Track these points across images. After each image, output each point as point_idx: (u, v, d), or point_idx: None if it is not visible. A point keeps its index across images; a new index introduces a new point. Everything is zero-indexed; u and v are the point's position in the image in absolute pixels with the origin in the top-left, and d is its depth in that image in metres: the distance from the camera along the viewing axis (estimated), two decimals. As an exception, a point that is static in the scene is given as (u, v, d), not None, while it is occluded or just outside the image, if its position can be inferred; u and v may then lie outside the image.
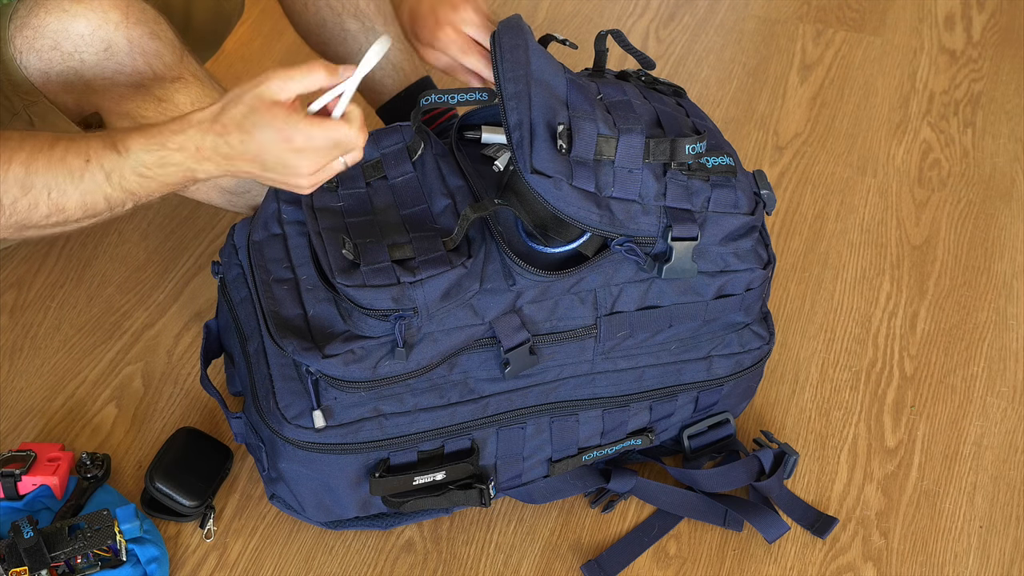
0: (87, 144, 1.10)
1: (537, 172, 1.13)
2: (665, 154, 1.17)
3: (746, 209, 1.21)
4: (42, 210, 1.11)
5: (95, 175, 1.10)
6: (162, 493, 1.32)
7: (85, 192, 1.11)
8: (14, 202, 1.10)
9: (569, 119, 1.14)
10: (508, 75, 1.13)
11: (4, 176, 1.09)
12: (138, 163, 1.10)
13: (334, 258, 1.16)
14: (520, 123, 1.13)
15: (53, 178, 1.10)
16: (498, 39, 1.16)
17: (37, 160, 1.10)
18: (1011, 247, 1.71)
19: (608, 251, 1.18)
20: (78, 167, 1.10)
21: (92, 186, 1.10)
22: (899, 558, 1.34)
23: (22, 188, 1.10)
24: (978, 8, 2.15)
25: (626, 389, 1.28)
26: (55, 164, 1.10)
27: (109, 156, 1.10)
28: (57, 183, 1.10)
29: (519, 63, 1.14)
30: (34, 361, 1.50)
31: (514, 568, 1.32)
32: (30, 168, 1.10)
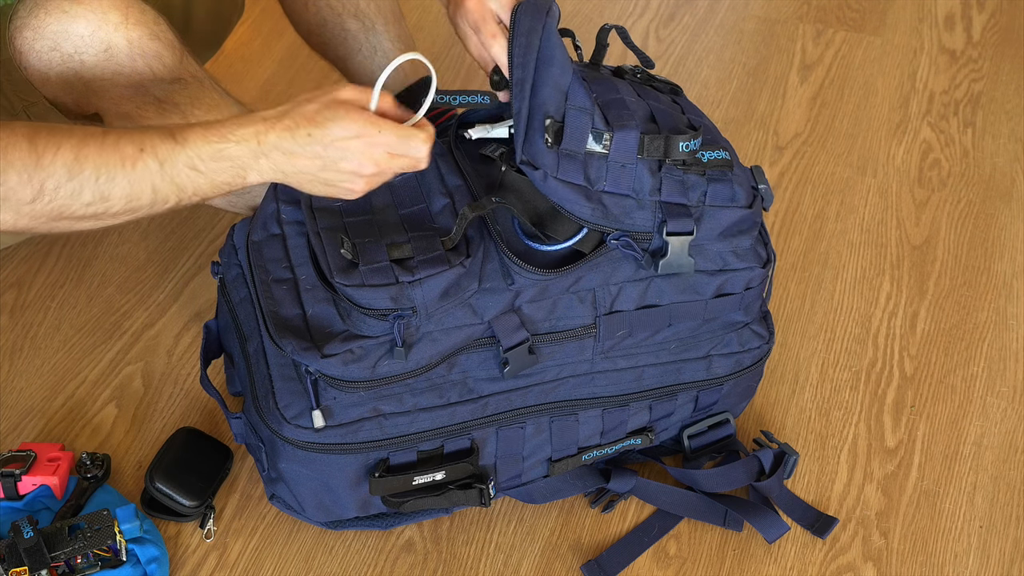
0: (142, 134, 1.10)
1: (525, 162, 1.14)
2: (659, 151, 1.16)
3: (743, 202, 1.21)
4: (85, 197, 1.09)
5: (147, 163, 1.09)
6: (162, 493, 1.32)
7: (134, 181, 1.09)
8: (57, 187, 1.08)
9: (564, 113, 1.14)
10: (518, 60, 1.12)
11: (52, 160, 1.07)
12: (194, 154, 1.09)
13: (333, 258, 1.16)
14: (519, 111, 1.13)
15: (104, 163, 1.08)
16: (517, 19, 1.14)
17: (88, 146, 1.08)
18: (1011, 247, 1.71)
19: (605, 247, 1.18)
20: (131, 155, 1.09)
21: (142, 175, 1.09)
22: (899, 558, 1.34)
23: (69, 173, 1.08)
24: (978, 8, 2.15)
25: (626, 388, 1.28)
26: (107, 150, 1.08)
27: (165, 145, 1.09)
28: (107, 169, 1.08)
29: (531, 48, 1.12)
30: (34, 361, 1.50)
31: (514, 568, 1.32)
32: (80, 153, 1.08)
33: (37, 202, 1.08)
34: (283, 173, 1.11)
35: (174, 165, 1.09)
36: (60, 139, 1.08)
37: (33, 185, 1.07)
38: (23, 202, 1.08)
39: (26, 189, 1.07)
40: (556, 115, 1.13)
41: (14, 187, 1.07)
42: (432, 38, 2.02)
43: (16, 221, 1.09)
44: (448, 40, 2.01)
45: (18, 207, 1.08)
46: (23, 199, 1.08)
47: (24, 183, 1.07)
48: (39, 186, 1.07)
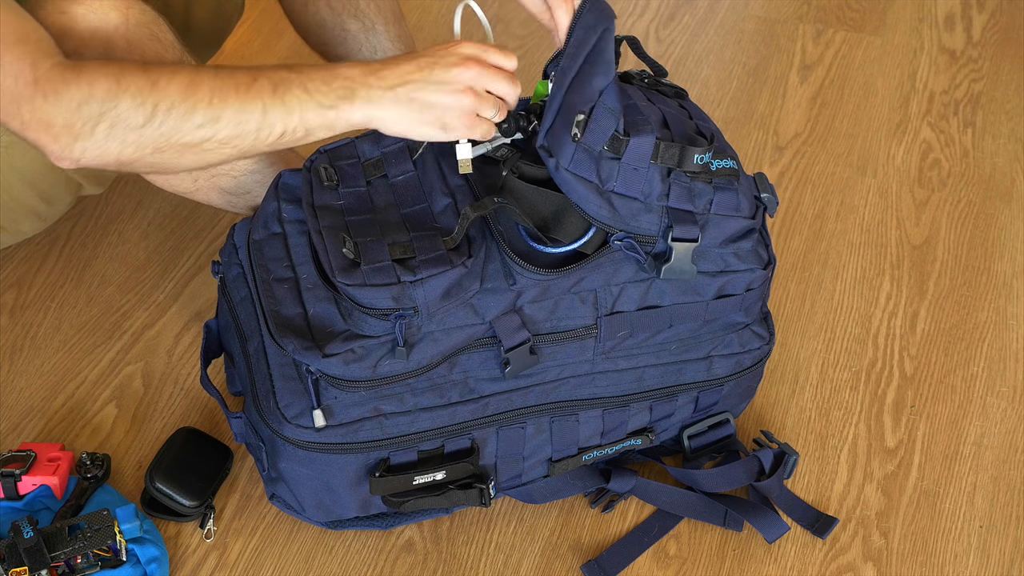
0: (257, 68, 1.15)
1: (543, 148, 1.15)
2: (673, 159, 1.17)
3: (747, 213, 1.21)
4: (197, 118, 1.11)
5: (261, 85, 1.12)
6: (162, 493, 1.32)
7: (246, 101, 1.12)
8: (171, 108, 1.11)
9: (592, 109, 1.14)
10: (570, 51, 1.15)
11: (167, 83, 1.10)
12: (307, 78, 1.13)
13: (334, 257, 1.16)
14: (554, 97, 1.14)
15: (218, 87, 1.12)
16: (581, 12, 1.17)
17: (203, 73, 1.13)
18: (1011, 247, 1.71)
19: (608, 248, 1.18)
20: (245, 80, 1.13)
21: (255, 96, 1.12)
22: (899, 558, 1.34)
23: (183, 94, 1.11)
24: (978, 8, 2.15)
25: (626, 389, 1.28)
26: (222, 76, 1.13)
27: (280, 73, 1.14)
28: (221, 91, 1.12)
29: (584, 44, 1.14)
30: (34, 361, 1.50)
31: (514, 568, 1.32)
32: (195, 79, 1.12)
33: (147, 126, 1.10)
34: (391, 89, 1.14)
35: (287, 88, 1.13)
36: (174, 69, 1.13)
37: (146, 107, 1.10)
38: (133, 127, 1.10)
39: (139, 112, 1.10)
40: (587, 112, 1.14)
41: (126, 111, 1.09)
42: (432, 38, 2.02)
43: (121, 151, 1.12)
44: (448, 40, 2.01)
45: (126, 133, 1.10)
46: (134, 123, 1.10)
47: (137, 106, 1.09)
48: (152, 108, 1.10)
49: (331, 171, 1.25)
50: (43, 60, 1.09)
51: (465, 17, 1.25)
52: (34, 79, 1.08)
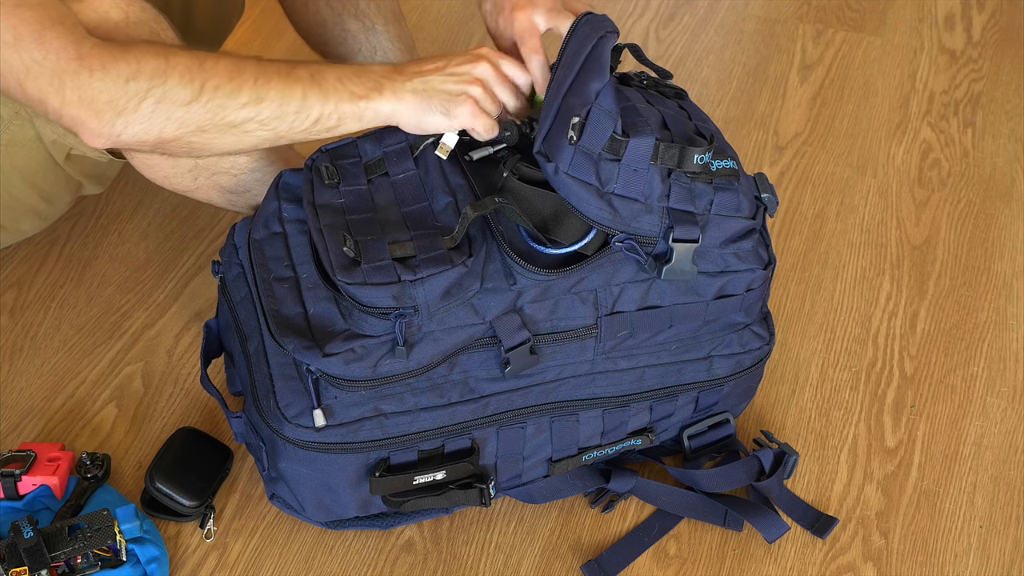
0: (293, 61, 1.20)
1: (541, 153, 1.15)
2: (673, 160, 1.17)
3: (747, 213, 1.21)
4: (242, 98, 1.15)
5: (299, 73, 1.18)
6: (162, 493, 1.32)
7: (288, 83, 1.17)
8: (218, 87, 1.14)
9: (589, 111, 1.14)
10: (566, 60, 1.16)
11: (214, 65, 1.15)
12: (341, 72, 1.19)
13: (335, 256, 1.16)
14: (550, 104, 1.14)
15: (261, 72, 1.17)
16: (577, 25, 1.18)
17: (246, 58, 1.18)
18: (1011, 247, 1.71)
19: (608, 249, 1.18)
20: (285, 68, 1.18)
21: (295, 79, 1.18)
22: (899, 558, 1.34)
23: (229, 75, 1.15)
24: (978, 8, 2.15)
25: (626, 389, 1.28)
26: (264, 62, 1.18)
27: (316, 65, 1.20)
28: (264, 75, 1.16)
29: (580, 54, 1.15)
30: (34, 361, 1.50)
31: (514, 568, 1.32)
32: (240, 63, 1.16)
33: (194, 104, 1.14)
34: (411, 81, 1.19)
35: (324, 76, 1.18)
36: (218, 54, 1.18)
37: (195, 85, 1.14)
38: (179, 103, 1.13)
39: (186, 90, 1.13)
40: (583, 115, 1.14)
41: (173, 87, 1.13)
42: (432, 38, 2.02)
43: (164, 128, 1.15)
44: (448, 40, 2.01)
45: (172, 110, 1.14)
46: (181, 99, 1.14)
47: (185, 83, 1.13)
48: (200, 86, 1.14)
49: (332, 169, 1.25)
50: (85, 39, 1.12)
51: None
52: (78, 55, 1.11)
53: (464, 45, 1.98)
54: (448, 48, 2.00)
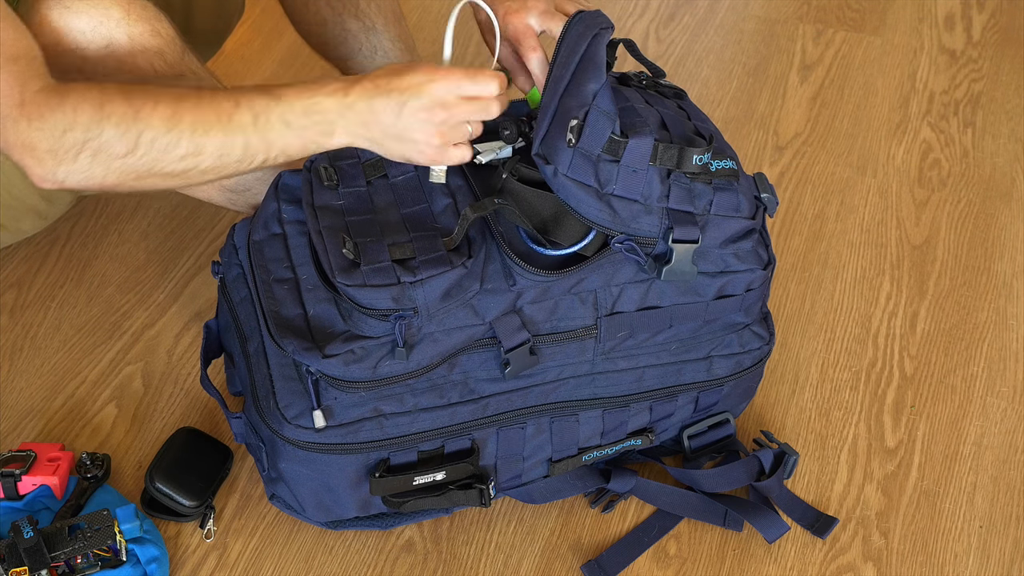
0: (238, 91, 1.14)
1: (539, 156, 1.14)
2: (672, 160, 1.17)
3: (747, 213, 1.21)
4: (180, 150, 1.12)
5: (243, 116, 1.13)
6: (162, 493, 1.32)
7: (228, 133, 1.13)
8: (154, 140, 1.11)
9: (587, 113, 1.14)
10: (561, 60, 1.15)
11: (150, 113, 1.11)
12: (287, 108, 1.13)
13: (334, 257, 1.16)
14: (547, 106, 1.14)
15: (201, 118, 1.12)
16: (570, 24, 1.17)
17: (186, 100, 1.12)
18: (1011, 247, 1.71)
19: (608, 250, 1.18)
20: (227, 109, 1.13)
21: (236, 128, 1.13)
22: (899, 558, 1.34)
23: (167, 125, 1.11)
24: (978, 8, 2.15)
25: (626, 389, 1.28)
26: (204, 105, 1.13)
27: (261, 100, 1.13)
28: (203, 122, 1.12)
29: (575, 53, 1.14)
30: (34, 361, 1.50)
31: (514, 568, 1.32)
32: (178, 108, 1.12)
33: (130, 156, 1.11)
34: (365, 126, 1.14)
35: (268, 119, 1.13)
36: (156, 95, 1.12)
37: (129, 137, 1.10)
38: (116, 155, 1.11)
39: (121, 142, 1.10)
40: (581, 116, 1.14)
41: (110, 140, 1.10)
42: (432, 38, 2.02)
43: (105, 177, 1.13)
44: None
45: (110, 161, 1.11)
46: (117, 152, 1.11)
47: (120, 135, 1.10)
48: (135, 138, 1.10)
49: (331, 171, 1.25)
50: (32, 81, 1.10)
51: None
52: (21, 101, 1.09)
53: (464, 45, 1.98)
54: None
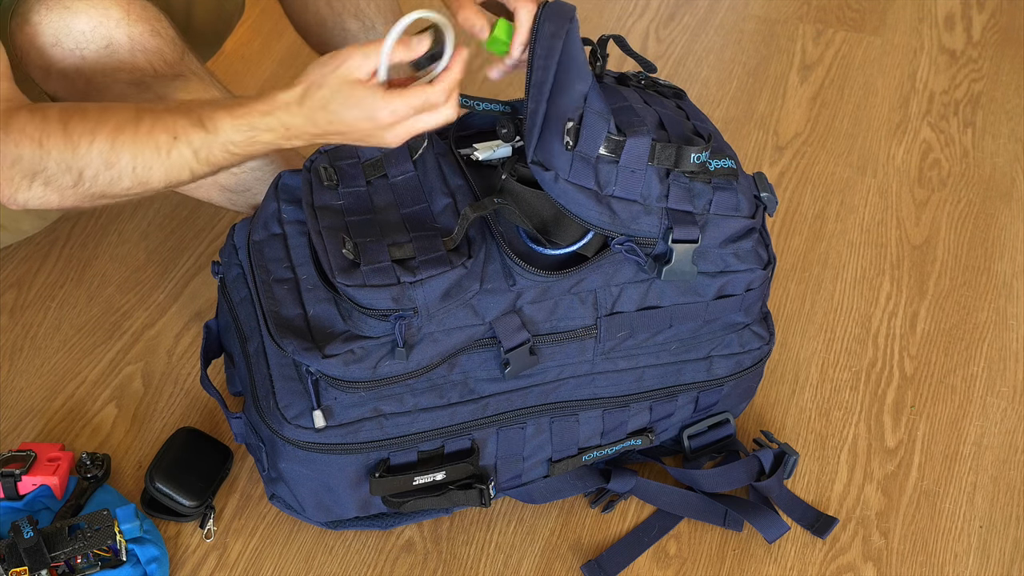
0: (173, 120, 1.12)
1: (536, 163, 1.14)
2: (670, 160, 1.17)
3: (747, 212, 1.21)
4: (125, 184, 1.13)
5: (183, 152, 1.12)
6: (162, 493, 1.32)
7: (171, 167, 1.12)
8: (96, 176, 1.11)
9: (582, 115, 1.13)
10: (539, 63, 1.12)
11: (88, 150, 1.10)
12: (227, 141, 1.12)
13: (334, 257, 1.16)
14: (535, 111, 1.13)
15: (139, 154, 1.11)
16: (540, 23, 1.14)
17: (123, 134, 1.11)
18: (1011, 247, 1.71)
19: (608, 251, 1.18)
20: (165, 143, 1.11)
21: (179, 161, 1.12)
22: (899, 558, 1.34)
23: (106, 163, 1.11)
24: (978, 8, 2.15)
25: (626, 389, 1.28)
26: (141, 139, 1.11)
27: (198, 134, 1.11)
28: (143, 159, 1.11)
29: (552, 52, 1.12)
30: (34, 361, 1.50)
31: (514, 568, 1.32)
32: (116, 143, 1.11)
33: (79, 186, 1.11)
34: (317, 144, 1.14)
35: (209, 151, 1.12)
36: (94, 126, 1.10)
37: (72, 173, 1.10)
38: (66, 186, 1.11)
39: (66, 176, 1.11)
40: (575, 118, 1.13)
41: (55, 173, 1.10)
42: (432, 38, 2.01)
43: (63, 201, 1.13)
44: (448, 40, 2.01)
45: (63, 190, 1.12)
46: (65, 184, 1.11)
47: (63, 171, 1.10)
48: (78, 174, 1.11)
49: (331, 171, 1.25)
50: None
51: None
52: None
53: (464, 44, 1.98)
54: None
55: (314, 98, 1.09)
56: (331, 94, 1.08)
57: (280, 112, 1.10)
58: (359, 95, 1.08)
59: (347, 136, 1.11)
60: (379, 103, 1.08)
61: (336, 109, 1.09)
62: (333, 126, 1.10)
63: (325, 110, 1.09)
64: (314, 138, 1.12)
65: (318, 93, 1.09)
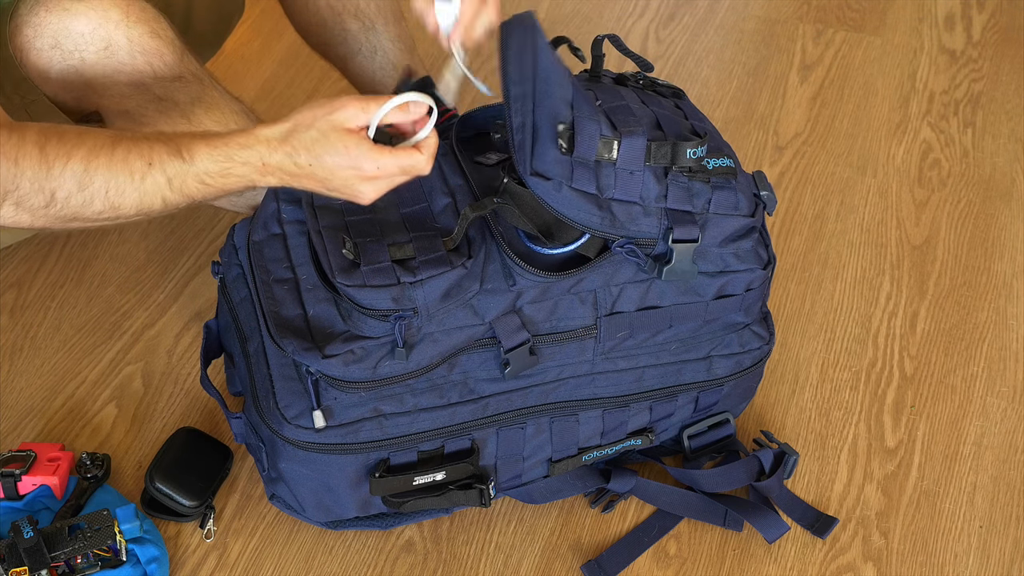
0: (150, 147, 1.11)
1: (537, 174, 1.13)
2: (666, 157, 1.17)
3: (746, 211, 1.21)
4: (96, 207, 1.12)
5: (156, 179, 1.11)
6: (162, 493, 1.32)
7: (144, 194, 1.12)
8: (68, 197, 1.10)
9: (572, 119, 1.13)
10: (514, 77, 1.12)
11: (62, 171, 1.09)
12: (202, 171, 1.11)
13: (334, 258, 1.16)
14: (523, 125, 1.12)
15: (113, 177, 1.10)
16: (506, 39, 1.14)
17: (98, 158, 1.10)
18: (1011, 247, 1.71)
19: (609, 252, 1.18)
20: (139, 169, 1.11)
21: (152, 188, 1.11)
22: (899, 558, 1.34)
23: (79, 185, 1.10)
24: (978, 8, 2.15)
25: (626, 389, 1.28)
26: (116, 164, 1.11)
27: (173, 162, 1.11)
28: (116, 183, 1.11)
29: (526, 65, 1.12)
30: (34, 361, 1.50)
31: (514, 568, 1.32)
32: (90, 166, 1.10)
33: (51, 207, 1.10)
34: (291, 186, 1.13)
35: (183, 181, 1.12)
36: (70, 148, 1.09)
37: (45, 193, 1.09)
38: (38, 207, 1.10)
39: (38, 197, 1.10)
40: (566, 122, 1.13)
41: (27, 193, 1.09)
42: (432, 38, 2.01)
43: (33, 222, 1.12)
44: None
45: (34, 211, 1.11)
46: (37, 204, 1.10)
47: (36, 191, 1.09)
48: (50, 194, 1.09)
49: (331, 171, 1.25)
50: None
51: None
52: None
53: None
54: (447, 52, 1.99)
55: (300, 138, 1.09)
56: (319, 136, 1.08)
57: (261, 146, 1.10)
58: (347, 143, 1.08)
59: (323, 183, 1.11)
60: (367, 155, 1.08)
61: (320, 153, 1.09)
62: (312, 169, 1.10)
63: (309, 152, 1.09)
64: (289, 179, 1.12)
65: (305, 134, 1.09)
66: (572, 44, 1.26)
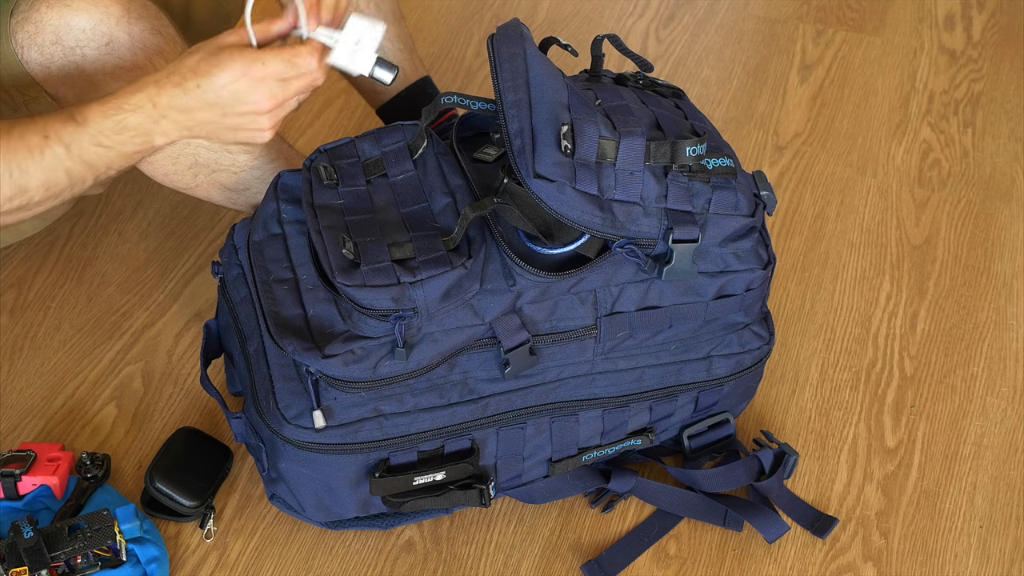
0: (45, 121, 1.12)
1: (540, 177, 1.13)
2: (666, 156, 1.17)
3: (746, 211, 1.21)
4: (4, 192, 1.12)
5: (55, 149, 1.12)
6: (162, 493, 1.32)
7: (46, 169, 1.12)
8: None
9: (571, 121, 1.14)
10: (507, 84, 1.13)
11: None
12: (96, 131, 1.11)
13: (334, 258, 1.16)
14: (521, 130, 1.13)
15: (13, 157, 1.11)
16: (496, 48, 1.15)
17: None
18: (1011, 247, 1.71)
19: (609, 252, 1.18)
20: (37, 144, 1.12)
21: (53, 161, 1.12)
22: (899, 558, 1.34)
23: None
24: (978, 8, 2.15)
25: (626, 389, 1.28)
26: (14, 143, 1.11)
27: (67, 128, 1.12)
28: (18, 162, 1.11)
29: (518, 71, 1.13)
30: (34, 361, 1.50)
31: (514, 568, 1.32)
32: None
33: None
34: (187, 129, 1.13)
35: (80, 145, 1.12)
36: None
37: None
38: None
39: None
40: (567, 123, 1.13)
41: None
42: (432, 38, 2.02)
43: None
44: (448, 40, 2.01)
45: None
46: None
47: None
48: None
49: (331, 170, 1.25)
50: None
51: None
52: None
53: (464, 44, 1.98)
54: (449, 48, 1.99)
55: (185, 64, 1.10)
56: (205, 56, 1.10)
57: (149, 87, 1.11)
58: (232, 53, 1.10)
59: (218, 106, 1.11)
60: (250, 57, 1.10)
61: (207, 70, 1.10)
62: (203, 92, 1.10)
63: (196, 72, 1.10)
64: (183, 115, 1.11)
65: (190, 59, 1.10)
66: (560, 41, 1.27)
